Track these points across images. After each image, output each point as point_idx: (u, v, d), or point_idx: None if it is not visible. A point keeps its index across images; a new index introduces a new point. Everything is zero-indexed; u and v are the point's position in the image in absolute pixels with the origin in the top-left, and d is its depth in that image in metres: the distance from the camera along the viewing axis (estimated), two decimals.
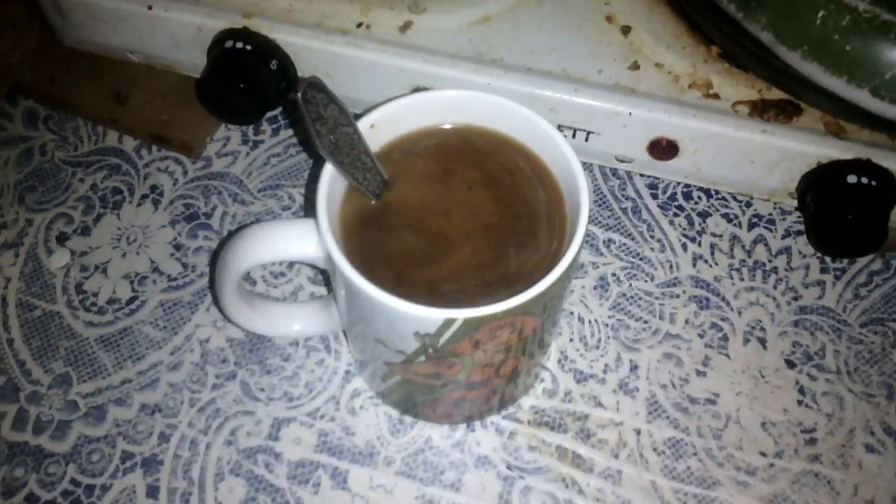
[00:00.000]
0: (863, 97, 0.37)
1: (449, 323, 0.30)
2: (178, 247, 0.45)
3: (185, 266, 0.45)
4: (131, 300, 0.44)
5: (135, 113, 0.49)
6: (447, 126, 0.36)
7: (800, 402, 0.42)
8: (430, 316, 0.30)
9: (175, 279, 0.44)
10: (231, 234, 0.45)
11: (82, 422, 0.40)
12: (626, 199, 0.47)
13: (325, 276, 0.44)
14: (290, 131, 0.49)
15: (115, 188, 0.47)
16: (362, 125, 0.34)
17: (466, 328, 0.30)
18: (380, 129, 0.35)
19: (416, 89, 0.44)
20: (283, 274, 0.44)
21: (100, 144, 0.49)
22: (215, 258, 0.45)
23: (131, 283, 0.44)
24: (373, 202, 0.34)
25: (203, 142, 0.48)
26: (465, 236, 0.34)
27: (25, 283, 0.44)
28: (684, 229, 0.46)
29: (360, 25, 0.44)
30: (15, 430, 0.40)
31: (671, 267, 0.45)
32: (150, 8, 0.44)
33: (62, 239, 0.45)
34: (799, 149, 0.42)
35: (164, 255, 0.45)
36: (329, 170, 0.33)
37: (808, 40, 0.36)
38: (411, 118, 0.36)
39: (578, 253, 0.32)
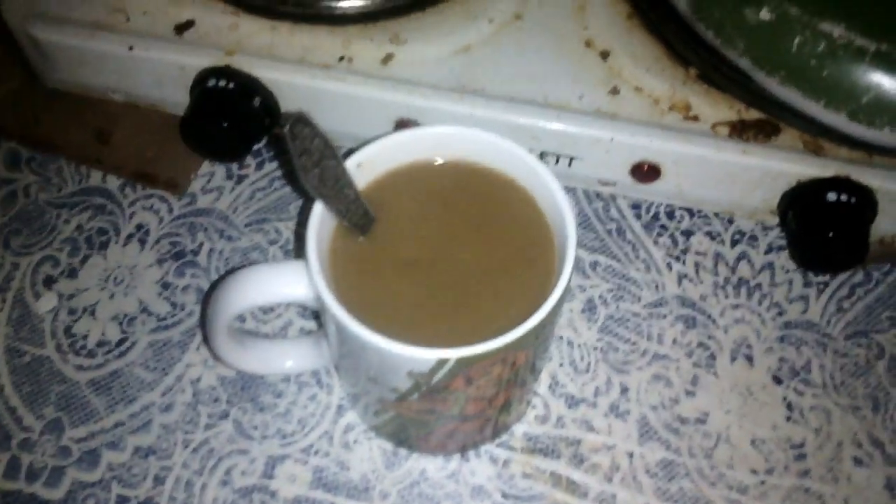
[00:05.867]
0: (840, 121, 0.37)
1: (442, 363, 0.30)
2: (165, 286, 0.45)
3: (173, 305, 0.45)
4: (121, 342, 0.43)
5: (119, 152, 0.49)
6: (432, 162, 0.37)
7: (788, 418, 0.42)
8: (423, 356, 0.30)
9: (164, 319, 0.44)
10: (221, 277, 0.45)
11: (76, 467, 0.40)
12: (611, 220, 0.48)
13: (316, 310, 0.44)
14: (274, 164, 0.49)
15: (100, 228, 0.47)
16: (349, 164, 0.34)
17: (459, 366, 0.31)
18: (366, 168, 0.35)
19: (400, 121, 0.44)
20: (272, 310, 0.44)
21: (84, 184, 0.48)
22: (204, 296, 0.45)
23: (120, 324, 0.44)
24: (360, 240, 0.35)
25: (188, 178, 0.48)
26: (454, 272, 0.34)
27: (13, 329, 0.44)
28: (668, 249, 0.47)
29: (341, 59, 0.44)
30: (7, 479, 0.40)
31: (657, 287, 0.46)
32: (130, 49, 0.44)
33: (49, 282, 0.45)
34: (779, 168, 0.42)
35: (153, 295, 0.45)
36: (318, 211, 0.33)
37: (785, 66, 0.37)
38: (396, 156, 0.36)
39: (567, 286, 0.32)
